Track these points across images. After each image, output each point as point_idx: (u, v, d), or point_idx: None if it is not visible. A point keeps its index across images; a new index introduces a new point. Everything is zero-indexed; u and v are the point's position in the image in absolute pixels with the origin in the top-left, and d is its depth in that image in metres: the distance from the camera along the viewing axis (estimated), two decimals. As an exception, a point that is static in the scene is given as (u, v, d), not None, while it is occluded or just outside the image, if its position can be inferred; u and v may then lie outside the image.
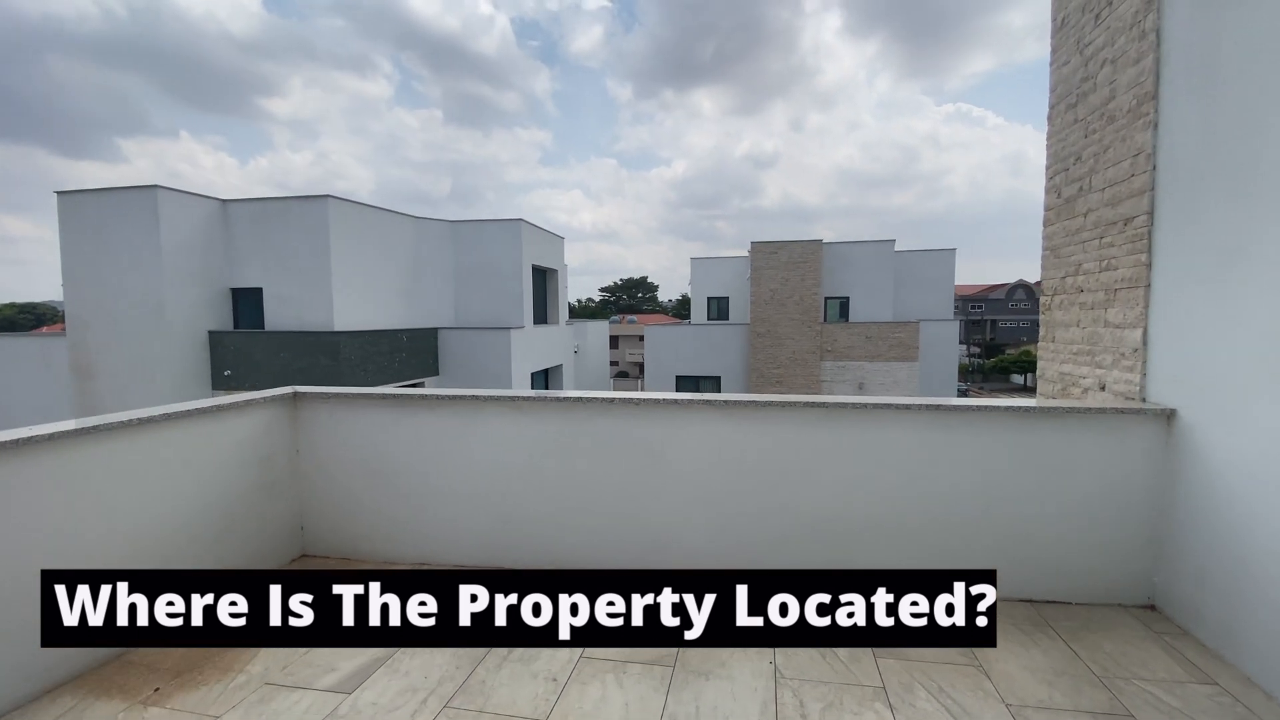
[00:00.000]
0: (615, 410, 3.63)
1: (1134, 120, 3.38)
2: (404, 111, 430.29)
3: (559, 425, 3.69)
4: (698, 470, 3.58)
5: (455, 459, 3.82)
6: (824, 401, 3.40)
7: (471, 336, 18.66)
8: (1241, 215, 2.64)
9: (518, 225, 19.54)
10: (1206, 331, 2.86)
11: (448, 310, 19.78)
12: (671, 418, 3.58)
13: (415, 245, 18.86)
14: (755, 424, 3.50)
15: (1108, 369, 3.66)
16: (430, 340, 18.53)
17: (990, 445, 3.28)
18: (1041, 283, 4.64)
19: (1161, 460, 3.14)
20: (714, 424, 3.54)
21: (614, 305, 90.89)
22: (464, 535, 3.83)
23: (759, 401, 3.47)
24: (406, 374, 17.40)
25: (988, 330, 72.57)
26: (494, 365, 18.43)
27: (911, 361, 22.10)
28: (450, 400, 3.79)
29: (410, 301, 18.73)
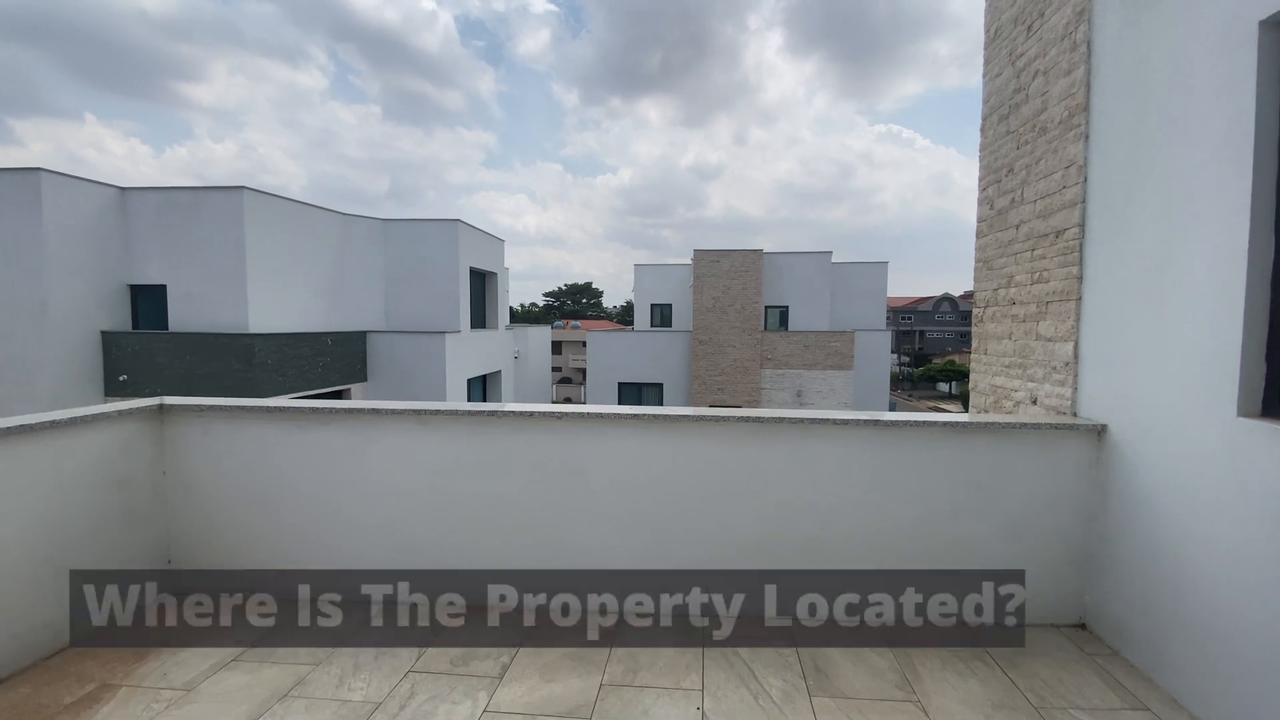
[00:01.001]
0: (534, 425, 3.30)
1: (1065, 132, 3.35)
2: (340, 105, 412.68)
3: (470, 442, 3.33)
4: (626, 490, 3.30)
5: (352, 480, 3.39)
6: (760, 416, 3.19)
7: (403, 340, 17.80)
8: (1171, 227, 2.59)
9: (454, 226, 18.83)
10: (1136, 345, 2.82)
11: (377, 313, 18.82)
12: (597, 433, 3.28)
13: (342, 243, 17.82)
14: (688, 440, 3.25)
15: (1039, 382, 3.62)
16: (358, 344, 17.55)
17: (927, 461, 3.15)
18: (974, 294, 4.63)
19: (1093, 477, 3.09)
20: (643, 440, 3.27)
21: (558, 310, 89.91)
22: (361, 563, 3.40)
23: (691, 416, 3.22)
24: (331, 379, 16.38)
25: (916, 340, 76.20)
26: (428, 371, 17.64)
27: (847, 370, 22.67)
28: (346, 414, 3.36)
29: (336, 303, 17.67)
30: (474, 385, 20.73)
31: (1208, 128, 2.38)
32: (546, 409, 3.31)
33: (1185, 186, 2.50)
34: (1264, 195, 2.17)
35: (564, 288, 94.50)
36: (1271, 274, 2.19)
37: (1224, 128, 2.29)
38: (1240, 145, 2.21)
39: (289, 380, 15.03)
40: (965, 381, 55.26)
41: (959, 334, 76.64)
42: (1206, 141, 2.38)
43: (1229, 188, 2.26)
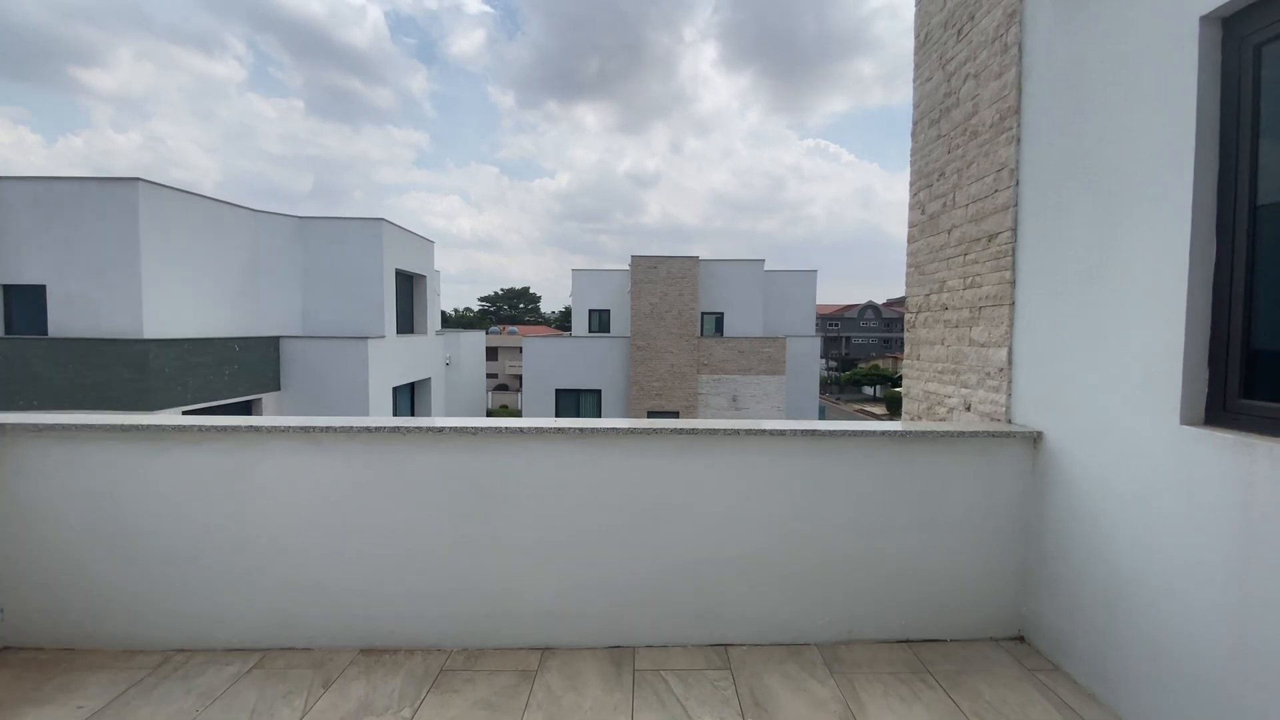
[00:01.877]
0: (445, 442, 2.93)
1: (997, 135, 3.32)
2: (258, 98, 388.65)
3: (372, 463, 2.93)
4: (552, 512, 2.98)
5: (229, 509, 2.91)
6: (694, 428, 2.95)
7: (322, 347, 16.69)
8: (1105, 230, 2.54)
9: (378, 225, 17.88)
10: (1072, 351, 2.77)
11: (294, 317, 17.58)
12: (518, 450, 2.95)
13: (254, 242, 16.54)
14: (619, 454, 2.97)
15: (973, 388, 3.57)
16: (270, 350, 16.30)
17: (865, 472, 3.01)
18: (906, 299, 4.60)
19: (1029, 484, 3.03)
20: (569, 456, 2.96)
21: (494, 315, 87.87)
22: (238, 609, 2.92)
23: (623, 429, 2.95)
24: (239, 389, 15.10)
25: (843, 346, 79.50)
26: (348, 379, 16.60)
27: (779, 375, 23.10)
28: (220, 433, 2.88)
29: (246, 306, 16.36)
30: (400, 394, 19.74)
31: (1146, 128, 2.33)
32: (461, 423, 2.95)
33: (1122, 189, 2.46)
34: (1205, 197, 2.12)
35: (500, 292, 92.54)
36: (1213, 278, 2.14)
37: (1163, 128, 2.24)
38: (1180, 145, 2.16)
39: (190, 391, 13.74)
40: (889, 385, 58.07)
41: (882, 340, 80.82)
42: (1145, 142, 2.33)
43: (1169, 189, 2.21)
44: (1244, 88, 2.03)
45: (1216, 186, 2.11)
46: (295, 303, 17.60)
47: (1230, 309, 2.08)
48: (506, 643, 2.98)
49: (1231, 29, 2.05)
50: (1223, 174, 2.10)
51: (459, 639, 2.97)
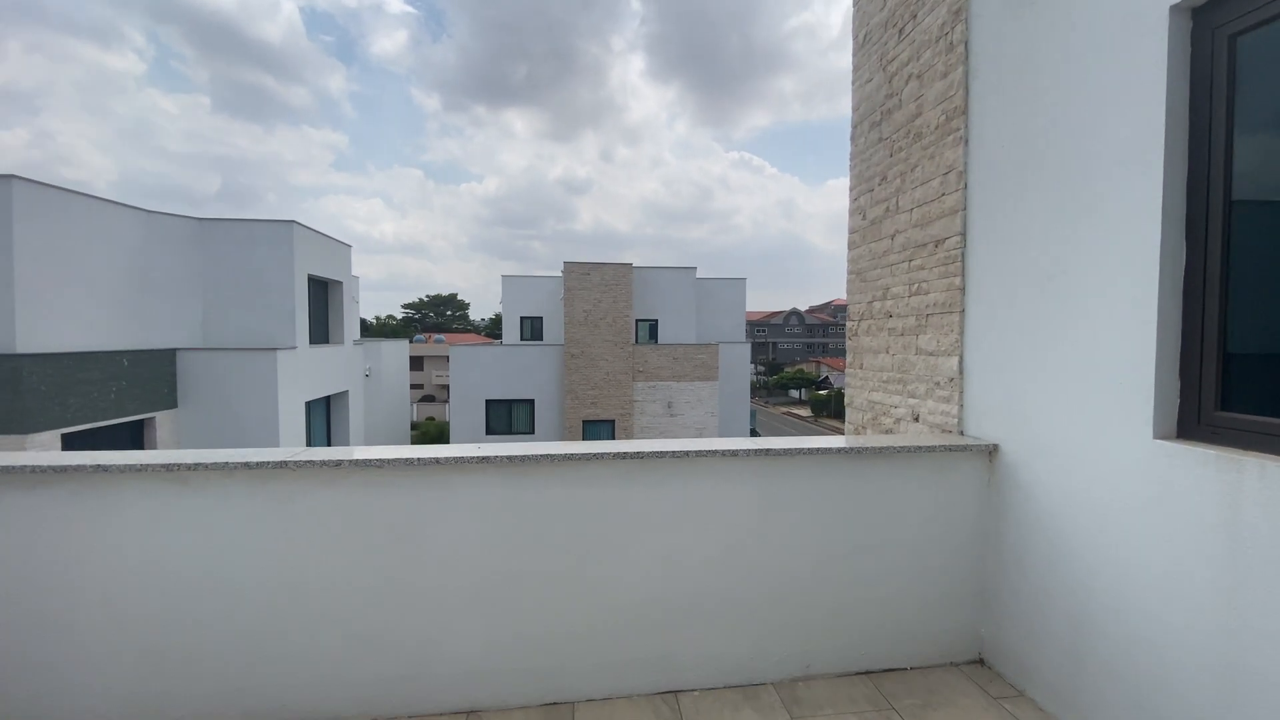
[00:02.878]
0: (346, 478, 2.48)
1: (943, 137, 3.22)
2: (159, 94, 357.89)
3: (254, 504, 2.43)
4: (475, 555, 2.58)
5: (77, 569, 2.33)
6: (639, 450, 2.63)
7: (224, 359, 15.26)
8: (1064, 232, 2.44)
9: (289, 227, 16.61)
10: (1028, 358, 2.66)
11: (192, 327, 15.99)
12: (435, 484, 2.54)
13: (145, 246, 14.92)
14: (554, 485, 2.61)
15: (921, 398, 3.45)
16: (165, 364, 14.74)
17: (820, 493, 2.79)
18: (848, 307, 4.49)
19: (986, 499, 2.91)
20: (496, 489, 2.58)
21: (419, 324, 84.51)
22: (96, 690, 2.35)
23: (557, 455, 2.59)
24: (128, 407, 13.51)
25: (770, 351, 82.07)
26: (255, 394, 15.24)
27: (713, 381, 23.27)
28: (61, 474, 2.31)
29: (137, 316, 14.69)
30: (315, 409, 18.42)
31: (1108, 125, 2.23)
32: (365, 455, 2.51)
33: (1083, 189, 2.35)
34: (1174, 195, 2.02)
35: (425, 299, 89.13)
36: (1183, 281, 2.04)
37: (1128, 124, 2.14)
38: (1147, 142, 2.06)
39: (71, 410, 12.13)
40: (814, 389, 60.26)
41: (806, 345, 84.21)
42: (1107, 139, 2.23)
43: (1135, 189, 2.11)
44: (1216, 80, 1.94)
45: (1186, 184, 2.02)
46: (195, 312, 16.03)
47: (1204, 314, 1.98)
48: (423, 708, 2.55)
49: (1203, 19, 1.96)
50: (1193, 171, 2.00)
51: (365, 706, 2.51)
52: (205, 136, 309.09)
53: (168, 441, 14.63)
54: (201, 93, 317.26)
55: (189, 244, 16.04)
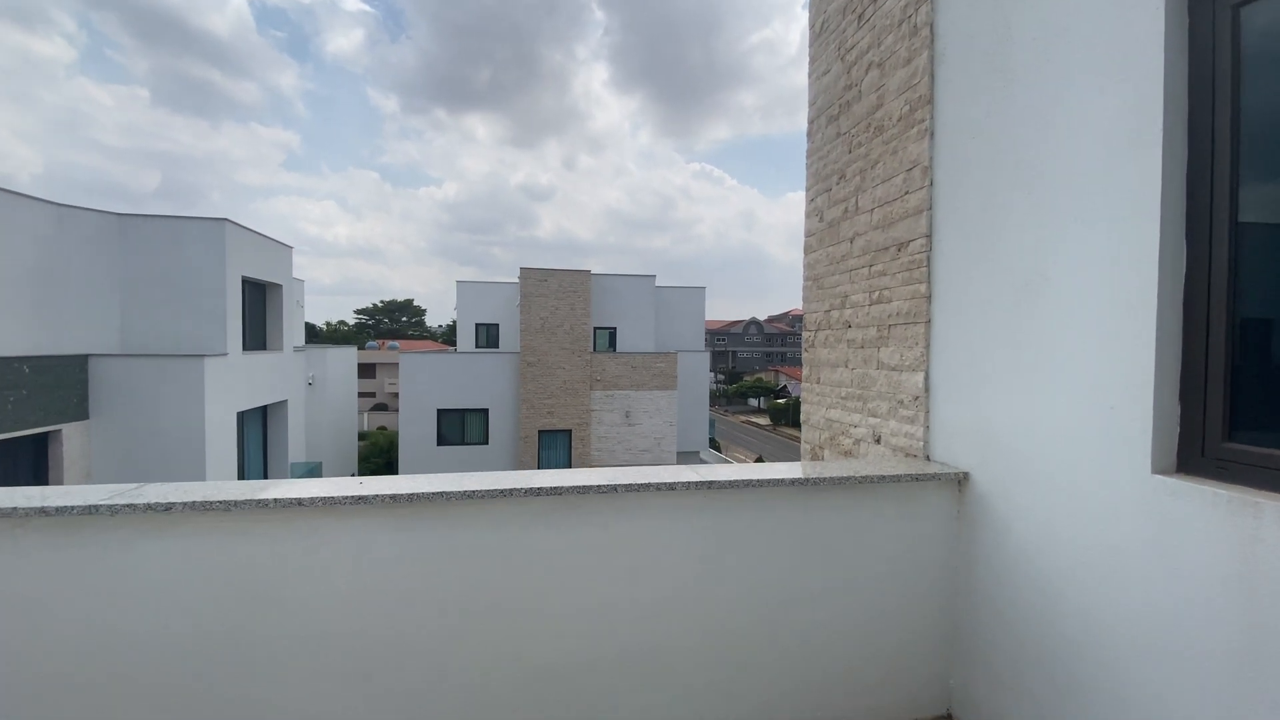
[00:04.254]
0: (183, 524, 1.96)
1: (906, 129, 2.91)
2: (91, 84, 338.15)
3: (49, 564, 1.89)
4: (353, 617, 2.09)
5: None
6: (559, 485, 2.20)
7: (145, 366, 14.10)
8: (1047, 233, 2.13)
9: (220, 226, 15.56)
10: (1004, 377, 2.34)
11: (109, 332, 14.75)
12: (299, 531, 2.05)
13: (54, 243, 13.67)
14: (449, 528, 2.15)
15: (883, 418, 3.13)
16: (75, 372, 13.52)
17: (773, 530, 2.41)
18: (804, 316, 4.17)
19: (954, 534, 2.58)
20: (380, 534, 2.10)
21: (372, 330, 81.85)
22: None
23: (454, 493, 2.13)
24: (30, 419, 12.25)
25: (730, 360, 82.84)
26: (179, 404, 14.10)
27: (671, 390, 22.99)
28: None
29: (42, 319, 13.40)
30: (250, 420, 17.30)
31: (1096, 111, 1.93)
32: (206, 495, 2.00)
33: (1065, 185, 2.05)
34: (1174, 190, 1.72)
35: (379, 305, 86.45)
36: (1184, 289, 1.74)
37: (1119, 109, 1.84)
38: (1142, 129, 1.76)
39: (-42, 421, 10.93)
40: (772, 397, 60.96)
41: (765, 354, 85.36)
42: (1095, 128, 1.93)
43: (1128, 183, 1.81)
44: (1219, 56, 1.65)
45: (1187, 176, 1.72)
46: (111, 315, 14.79)
47: (1209, 326, 1.68)
48: (283, 811, 2.04)
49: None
50: (1194, 162, 1.71)
51: (207, 814, 1.99)
52: (144, 130, 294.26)
53: (76, 456, 13.44)
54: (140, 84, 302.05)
55: (107, 242, 14.85)
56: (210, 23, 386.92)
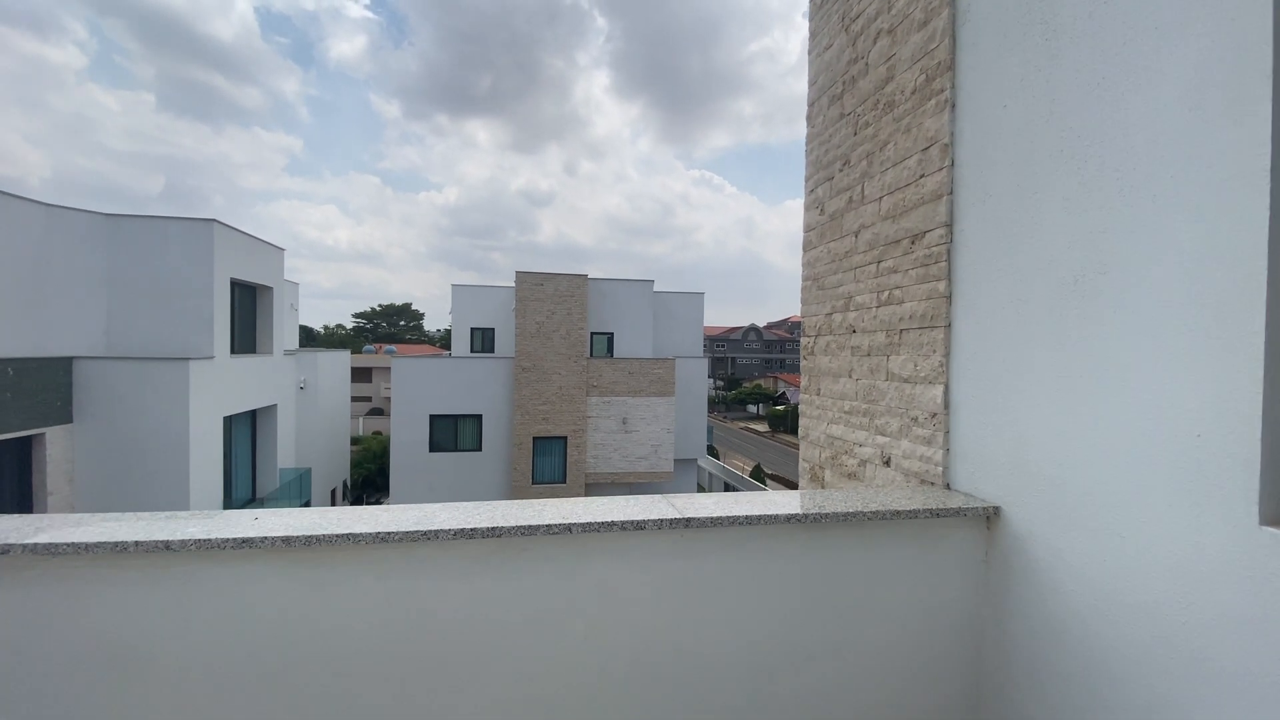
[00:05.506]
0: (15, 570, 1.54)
1: (922, 102, 2.51)
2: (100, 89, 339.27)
3: None
4: (231, 692, 1.67)
5: None
6: (498, 525, 1.78)
7: (129, 369, 13.70)
8: (1099, 217, 1.72)
9: (208, 226, 15.20)
10: (1044, 390, 1.93)
11: (95, 334, 14.36)
12: (163, 580, 1.63)
13: (40, 242, 13.29)
14: (359, 578, 1.73)
15: (894, 437, 2.71)
16: (59, 374, 13.13)
17: (767, 576, 1.99)
18: (802, 319, 3.75)
19: (981, 583, 2.16)
20: (267, 584, 1.68)
21: (370, 334, 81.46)
22: None
23: (363, 534, 1.71)
24: (11, 422, 11.82)
25: (729, 366, 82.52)
26: (163, 408, 13.70)
27: (669, 396, 22.55)
28: None
29: (26, 320, 13.00)
30: (237, 423, 16.91)
31: (1175, 64, 1.52)
32: (36, 532, 1.58)
33: (1127, 159, 1.64)
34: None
35: (378, 308, 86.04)
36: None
37: (1208, 60, 1.43)
38: (1244, 86, 1.34)
39: (-68, 423, 10.54)
40: (771, 404, 60.56)
41: (764, 361, 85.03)
42: (1173, 85, 1.52)
43: (1218, 156, 1.40)
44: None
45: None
46: (98, 316, 14.41)
47: (1343, 338, 1.27)
48: None
49: None
50: (1320, 119, 1.30)
51: None
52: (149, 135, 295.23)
53: (60, 460, 13.08)
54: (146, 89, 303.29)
55: (91, 241, 14.49)
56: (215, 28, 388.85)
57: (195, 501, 13.76)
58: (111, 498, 13.09)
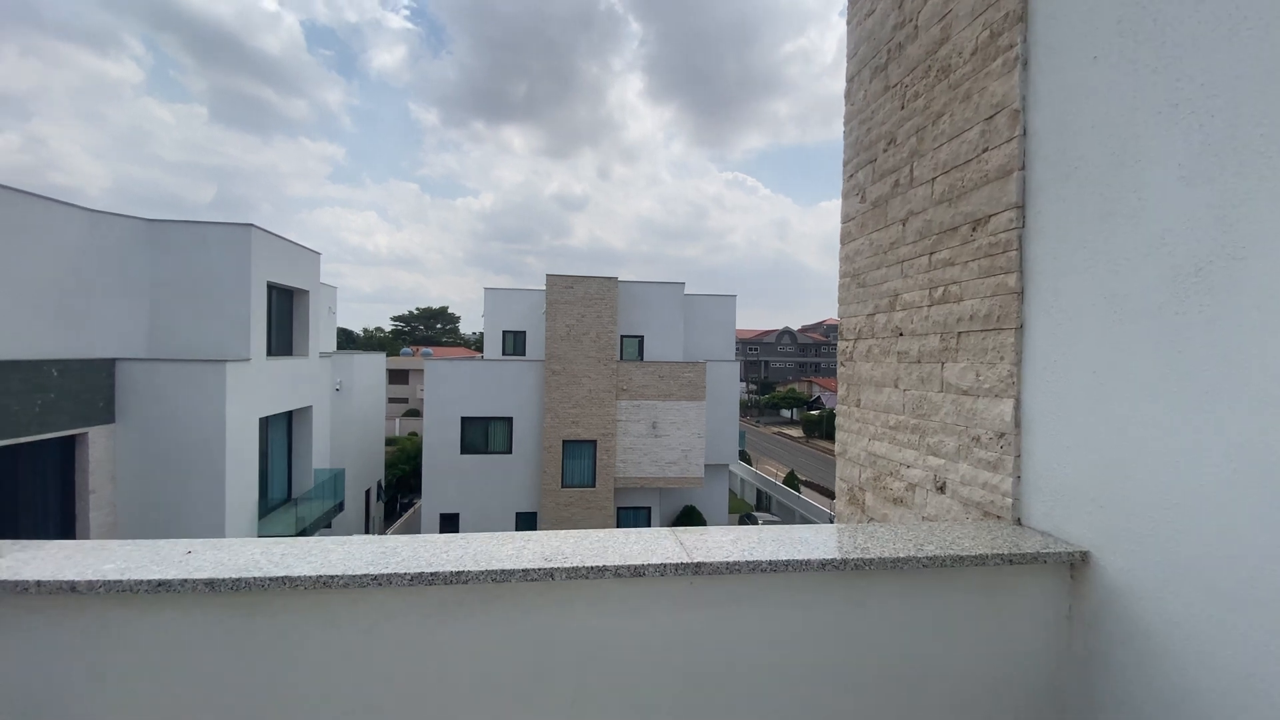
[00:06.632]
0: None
1: (985, 63, 2.11)
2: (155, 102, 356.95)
3: None
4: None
5: None
6: (459, 570, 1.46)
7: (168, 371, 14.03)
8: (1236, 186, 1.32)
9: (246, 231, 15.49)
10: (1153, 406, 1.52)
11: (138, 336, 14.77)
12: (78, 622, 1.37)
13: (86, 248, 13.73)
14: (303, 627, 1.44)
15: (950, 459, 2.30)
16: (103, 375, 13.52)
17: (794, 632, 1.62)
18: (840, 321, 3.36)
19: (1063, 646, 1.75)
20: (190, 631, 1.41)
21: (408, 336, 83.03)
22: None
23: (302, 578, 1.41)
24: (56, 422, 12.20)
25: (762, 370, 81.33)
26: (202, 409, 13.98)
27: (700, 400, 22.12)
28: None
29: (72, 323, 13.41)
30: (274, 424, 17.19)
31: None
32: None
33: (1275, 109, 1.24)
34: None
35: (415, 312, 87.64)
36: None
37: None
38: None
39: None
40: (805, 409, 59.34)
41: (798, 364, 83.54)
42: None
43: None
44: None
45: None
46: (140, 320, 14.82)
47: None
48: None
49: None
50: None
51: None
52: (201, 146, 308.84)
53: (102, 459, 13.45)
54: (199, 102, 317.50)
55: (136, 246, 14.92)
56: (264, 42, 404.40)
57: (231, 500, 14.01)
58: (151, 496, 13.40)
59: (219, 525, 13.49)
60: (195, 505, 13.93)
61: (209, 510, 13.87)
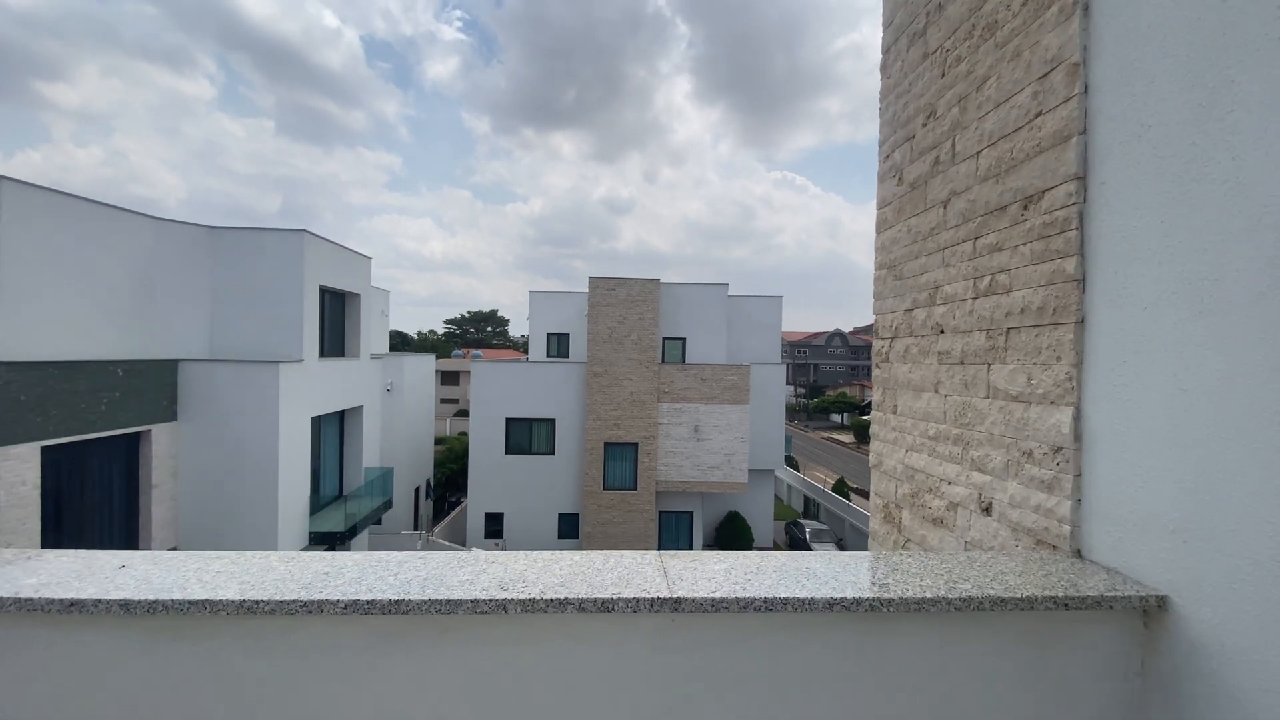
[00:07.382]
0: None
1: (1037, 14, 1.80)
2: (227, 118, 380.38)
3: None
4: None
5: None
6: (403, 599, 1.28)
7: (225, 371, 14.69)
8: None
9: (299, 236, 16.06)
10: (1255, 419, 1.20)
11: (199, 338, 15.57)
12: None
13: (151, 253, 14.56)
14: (227, 655, 1.29)
15: (997, 476, 1.98)
16: (166, 375, 14.28)
17: (804, 687, 1.37)
18: (875, 318, 3.05)
19: (1132, 712, 1.42)
20: (106, 657, 1.27)
21: (460, 339, 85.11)
22: None
23: (229, 602, 1.26)
24: (122, 419, 12.92)
25: (811, 373, 79.40)
26: (257, 408, 14.57)
27: (743, 404, 21.66)
28: None
29: (138, 325, 14.22)
30: (326, 423, 17.79)
31: None
32: None
33: None
34: None
35: (467, 315, 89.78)
36: None
37: None
38: None
39: (53, 422, 11.59)
40: (856, 413, 57.53)
41: (849, 367, 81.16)
42: None
43: None
44: None
45: None
46: (202, 322, 15.60)
47: None
48: None
49: None
50: None
51: None
52: (268, 158, 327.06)
53: (164, 456, 14.19)
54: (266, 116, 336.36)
55: (197, 252, 15.71)
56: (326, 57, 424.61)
57: (284, 495, 14.50)
58: (209, 489, 14.03)
59: (272, 519, 14.03)
60: (251, 499, 14.52)
61: (263, 504, 14.43)
